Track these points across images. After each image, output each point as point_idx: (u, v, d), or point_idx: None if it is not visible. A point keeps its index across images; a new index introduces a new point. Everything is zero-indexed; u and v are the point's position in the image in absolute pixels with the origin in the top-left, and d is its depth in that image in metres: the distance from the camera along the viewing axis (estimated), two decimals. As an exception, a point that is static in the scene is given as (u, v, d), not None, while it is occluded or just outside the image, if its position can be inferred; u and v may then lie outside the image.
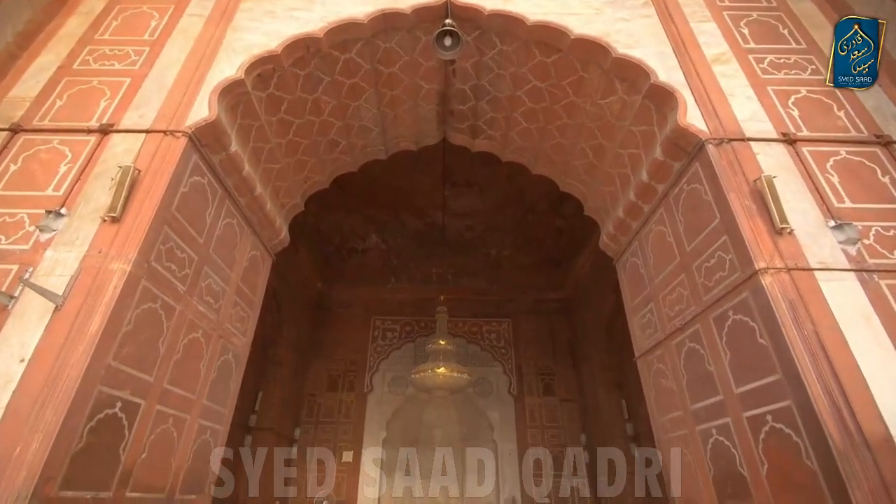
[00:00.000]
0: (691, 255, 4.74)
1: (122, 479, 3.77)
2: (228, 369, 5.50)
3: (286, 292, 12.50)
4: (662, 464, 5.23)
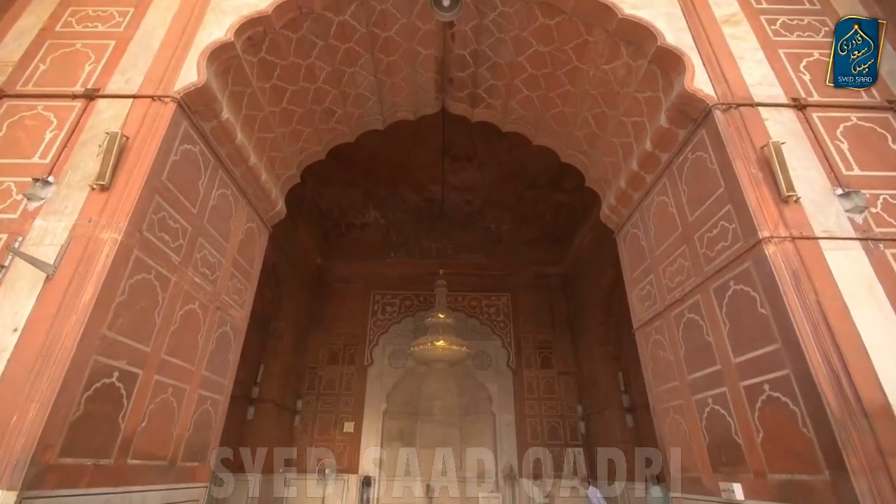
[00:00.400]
0: (693, 226, 4.66)
1: (122, 447, 3.79)
2: (227, 341, 5.49)
3: (286, 267, 12.47)
4: (658, 432, 5.29)
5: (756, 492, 3.76)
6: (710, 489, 4.29)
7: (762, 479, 3.70)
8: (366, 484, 12.11)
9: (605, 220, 6.68)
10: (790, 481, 3.43)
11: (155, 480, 4.17)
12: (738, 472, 3.97)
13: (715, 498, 4.21)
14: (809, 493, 3.25)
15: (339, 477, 12.06)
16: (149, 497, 4.06)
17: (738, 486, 3.92)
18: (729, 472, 4.08)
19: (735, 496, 3.91)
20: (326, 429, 12.81)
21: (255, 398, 11.38)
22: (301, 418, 12.90)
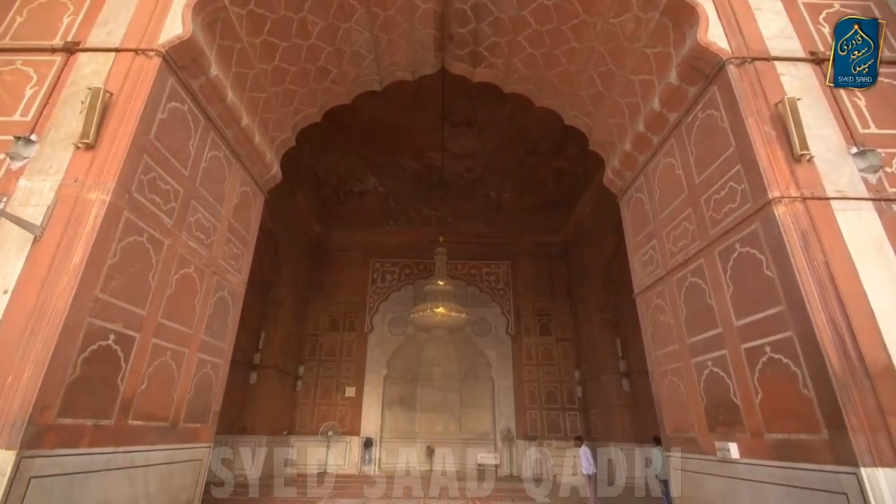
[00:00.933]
0: (700, 188, 4.51)
1: (122, 408, 3.79)
2: (225, 306, 5.45)
3: (284, 235, 12.35)
4: (655, 395, 5.33)
5: (751, 451, 3.79)
6: (706, 448, 4.35)
7: (758, 439, 3.72)
8: (367, 445, 12.44)
9: (609, 184, 6.52)
10: (787, 440, 3.45)
11: (157, 441, 4.20)
12: (735, 431, 4.00)
13: (710, 457, 4.27)
14: (806, 452, 3.27)
15: (341, 439, 12.38)
16: (152, 456, 4.11)
17: (733, 446, 3.96)
18: (725, 432, 4.12)
19: (730, 455, 3.95)
20: (328, 393, 13.05)
21: (258, 364, 11.52)
22: (303, 383, 13.11)
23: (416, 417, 14.11)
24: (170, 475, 4.36)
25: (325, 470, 11.95)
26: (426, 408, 14.25)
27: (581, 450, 7.45)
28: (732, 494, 3.95)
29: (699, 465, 4.44)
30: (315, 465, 12.14)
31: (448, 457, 13.63)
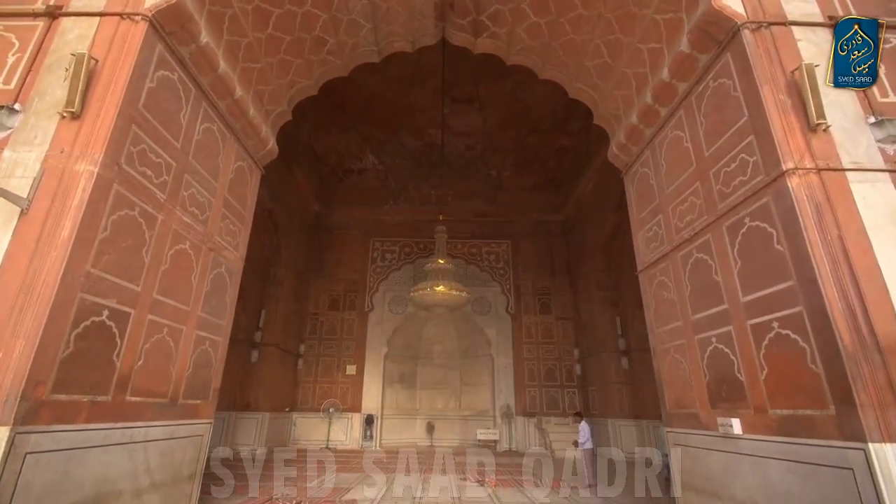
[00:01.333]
0: (709, 161, 4.36)
1: (119, 385, 3.74)
2: (222, 283, 5.36)
3: (283, 214, 12.19)
4: (656, 372, 5.29)
5: (754, 426, 3.76)
6: (707, 424, 4.32)
7: (762, 415, 3.68)
8: (368, 422, 12.57)
9: (613, 159, 6.34)
10: (792, 416, 3.40)
11: (156, 417, 4.17)
12: (738, 407, 3.96)
13: (711, 432, 4.25)
14: (811, 427, 3.22)
15: (342, 415, 12.50)
16: (151, 432, 4.08)
17: (736, 421, 3.93)
18: (728, 407, 4.08)
19: (733, 430, 3.92)
20: (329, 371, 13.12)
21: (259, 342, 11.53)
22: (304, 361, 13.17)
23: (416, 394, 14.25)
24: (170, 450, 4.35)
25: (327, 445, 12.11)
26: (426, 385, 14.37)
27: (581, 425, 7.48)
28: (734, 469, 3.94)
29: (700, 440, 4.42)
30: (317, 440, 12.29)
31: (448, 433, 13.82)
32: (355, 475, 7.95)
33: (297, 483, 7.03)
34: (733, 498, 3.94)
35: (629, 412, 11.09)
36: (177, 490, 4.40)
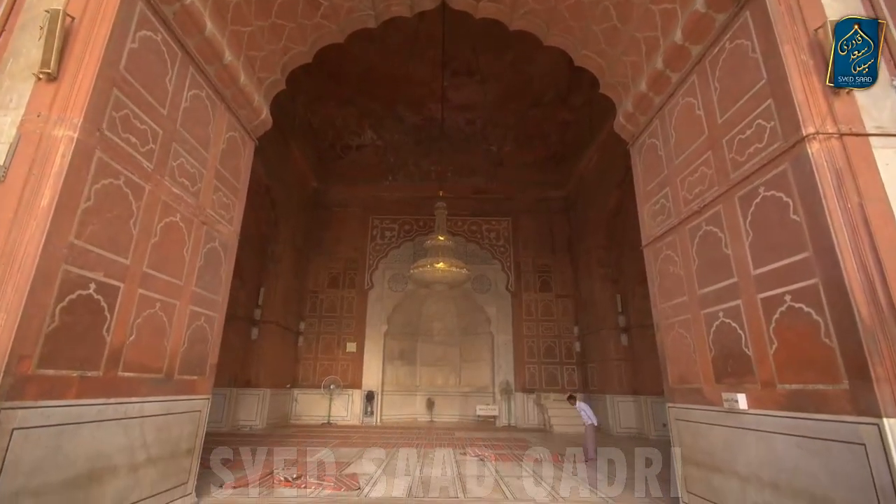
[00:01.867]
0: (723, 128, 4.14)
1: (111, 360, 3.62)
2: (217, 258, 5.20)
3: (280, 190, 11.96)
4: (659, 347, 5.19)
5: (761, 401, 3.66)
6: (712, 399, 4.24)
7: (770, 390, 3.58)
8: (368, 398, 12.65)
9: (619, 130, 6.10)
10: (802, 391, 3.30)
11: (151, 392, 4.08)
12: (744, 382, 3.86)
13: (715, 407, 4.17)
14: (822, 403, 3.12)
15: (343, 392, 12.57)
16: (147, 408, 3.99)
17: (741, 396, 3.84)
18: (733, 383, 3.99)
19: (738, 405, 3.84)
20: (330, 348, 13.13)
21: (258, 320, 11.48)
22: (304, 339, 13.17)
23: (416, 371, 14.31)
24: (167, 426, 4.28)
25: (328, 421, 12.21)
26: (426, 362, 14.42)
27: (578, 405, 7.55)
28: (737, 444, 3.87)
29: (703, 415, 4.35)
30: (318, 416, 12.39)
31: (448, 408, 13.94)
32: (355, 450, 7.99)
33: (298, 458, 7.05)
34: (736, 472, 3.88)
35: (628, 388, 11.13)
36: (175, 464, 4.36)
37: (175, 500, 4.34)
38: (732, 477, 3.92)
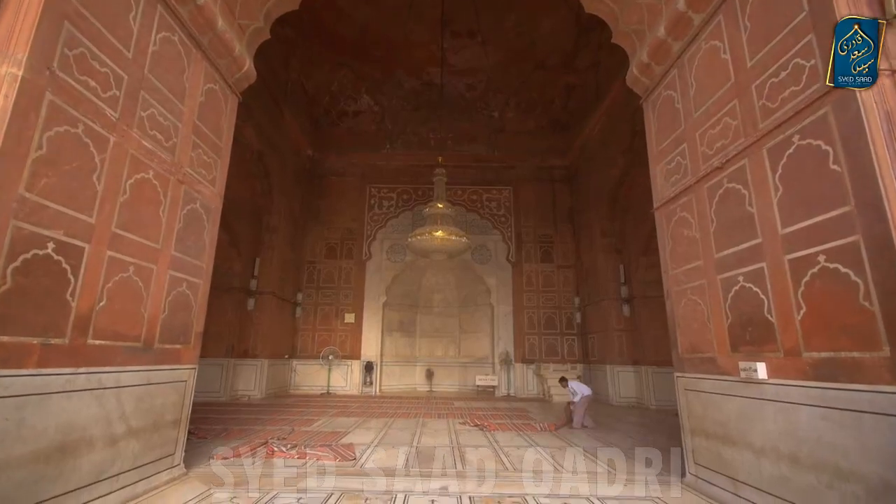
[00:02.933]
0: (752, 72, 3.69)
1: (78, 326, 3.30)
2: (198, 220, 4.82)
3: (274, 157, 11.47)
4: (669, 315, 4.89)
5: (783, 371, 3.37)
6: (726, 369, 3.96)
7: (794, 358, 3.28)
8: (368, 368, 12.54)
9: (632, 83, 5.60)
10: (832, 359, 2.99)
11: (129, 362, 3.78)
12: (764, 351, 3.56)
13: (730, 377, 3.89)
14: (856, 371, 2.81)
15: (342, 362, 12.44)
16: (124, 378, 3.71)
17: (761, 365, 3.54)
18: (752, 351, 3.69)
19: (757, 375, 3.55)
20: (328, 319, 12.93)
21: (255, 290, 11.21)
22: (302, 310, 12.96)
23: (415, 342, 14.17)
24: (149, 396, 4.02)
25: (327, 391, 12.12)
26: (426, 333, 14.26)
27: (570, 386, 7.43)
28: (753, 415, 3.61)
29: (716, 385, 4.08)
30: (318, 386, 12.31)
31: (447, 379, 13.88)
32: (353, 419, 7.84)
33: (294, 427, 6.89)
34: (750, 444, 3.64)
35: (628, 359, 10.97)
36: (159, 436, 4.12)
37: (161, 472, 4.13)
38: (746, 449, 3.67)
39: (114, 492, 3.57)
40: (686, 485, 4.35)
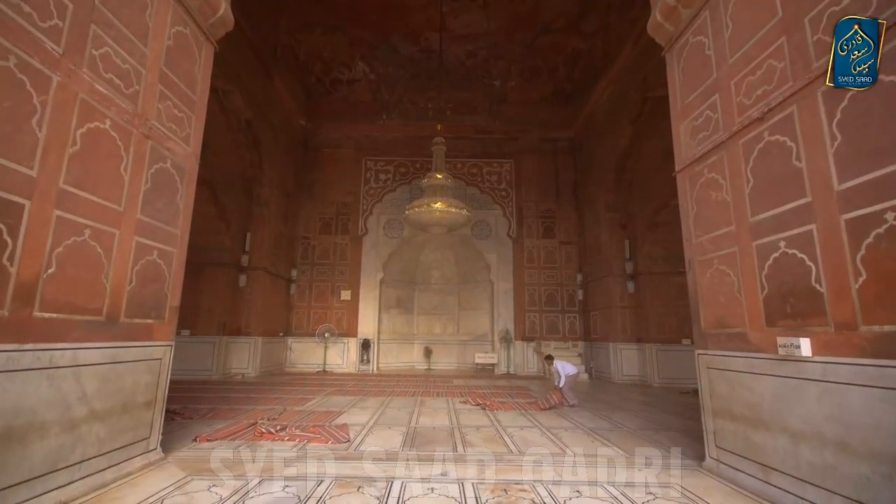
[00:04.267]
0: (806, 3, 3.12)
1: (20, 297, 2.81)
2: (169, 181, 4.28)
3: (264, 127, 10.80)
4: (692, 288, 4.43)
5: (833, 347, 2.93)
6: (760, 345, 3.52)
7: (847, 333, 2.83)
8: (364, 346, 12.18)
9: (654, 31, 4.99)
10: (898, 334, 2.54)
11: (88, 338, 3.31)
12: (809, 325, 3.11)
13: (764, 354, 3.46)
14: (932, 348, 2.37)
15: (338, 340, 12.08)
16: (82, 356, 3.25)
17: (805, 341, 3.10)
18: (793, 325, 3.24)
19: (799, 352, 3.11)
20: (323, 297, 12.51)
21: (246, 266, 10.72)
22: (297, 287, 12.51)
23: (413, 319, 13.81)
24: (116, 376, 3.57)
25: (323, 369, 11.79)
26: (424, 310, 13.88)
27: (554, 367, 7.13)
28: (791, 396, 3.19)
29: (746, 363, 3.66)
30: (314, 364, 11.97)
31: (446, 357, 13.57)
32: (348, 398, 7.48)
33: (286, 407, 6.51)
34: (786, 428, 3.23)
35: (632, 336, 10.63)
36: (130, 419, 3.69)
37: (134, 458, 3.72)
38: (781, 433, 3.27)
39: (76, 481, 3.15)
40: (706, 469, 3.98)
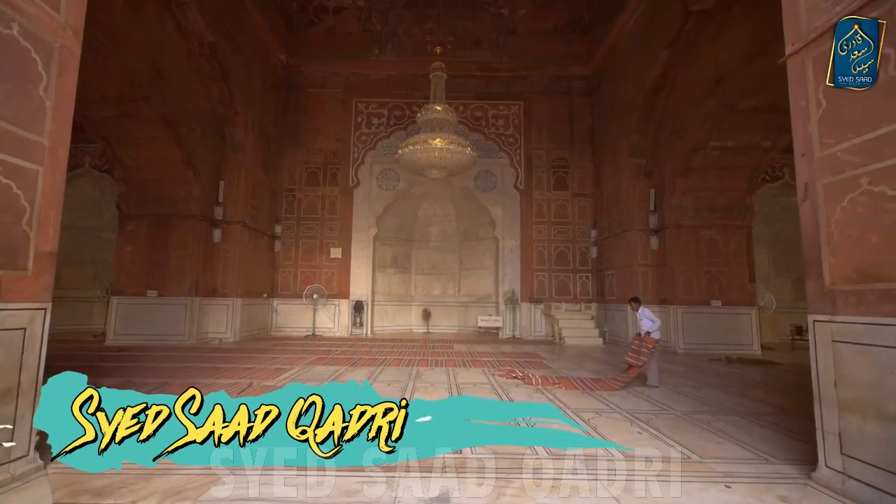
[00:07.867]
0: None
1: None
2: (21, 64, 2.70)
3: (234, 57, 8.96)
4: (808, 224, 2.94)
5: None
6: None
7: None
8: (357, 308, 10.88)
9: None
10: None
11: None
12: None
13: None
14: None
15: (328, 302, 10.76)
16: None
17: None
18: None
19: None
20: (311, 254, 11.09)
21: (220, 219, 9.21)
22: (282, 243, 11.07)
23: (411, 280, 12.45)
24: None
25: (312, 333, 10.55)
26: (422, 270, 12.50)
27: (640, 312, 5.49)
28: None
29: (914, 336, 2.23)
30: (302, 328, 10.73)
31: (445, 319, 12.34)
32: (332, 368, 6.18)
33: (255, 381, 5.21)
34: None
35: (654, 297, 9.24)
36: (-41, 420, 2.32)
37: (-21, 474, 2.38)
38: None
39: None
40: (822, 485, 2.64)
